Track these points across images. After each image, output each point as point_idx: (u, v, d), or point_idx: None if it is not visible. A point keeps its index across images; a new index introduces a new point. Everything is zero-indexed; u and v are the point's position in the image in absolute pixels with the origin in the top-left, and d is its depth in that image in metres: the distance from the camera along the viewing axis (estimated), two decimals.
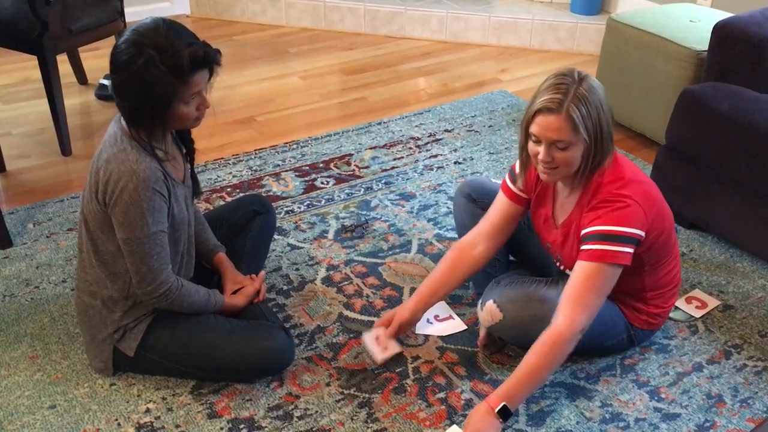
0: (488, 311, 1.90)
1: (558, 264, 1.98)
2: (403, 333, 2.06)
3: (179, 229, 1.83)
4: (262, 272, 2.09)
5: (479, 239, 2.02)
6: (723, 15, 2.97)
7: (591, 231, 1.76)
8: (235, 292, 2.01)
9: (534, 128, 1.72)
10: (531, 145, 1.78)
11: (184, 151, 1.91)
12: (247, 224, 2.20)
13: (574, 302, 1.74)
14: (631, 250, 1.75)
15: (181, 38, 1.63)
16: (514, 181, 1.97)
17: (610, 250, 1.73)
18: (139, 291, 1.78)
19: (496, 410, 1.71)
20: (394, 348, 1.99)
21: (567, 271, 1.89)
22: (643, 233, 1.77)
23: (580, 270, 1.76)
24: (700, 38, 2.85)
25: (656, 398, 1.93)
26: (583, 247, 1.77)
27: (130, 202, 1.67)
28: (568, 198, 1.88)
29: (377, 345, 1.99)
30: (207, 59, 1.65)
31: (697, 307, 2.24)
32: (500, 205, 2.02)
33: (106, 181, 1.69)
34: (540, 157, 1.74)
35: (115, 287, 1.82)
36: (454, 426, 1.82)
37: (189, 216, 1.88)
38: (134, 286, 1.78)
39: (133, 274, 1.76)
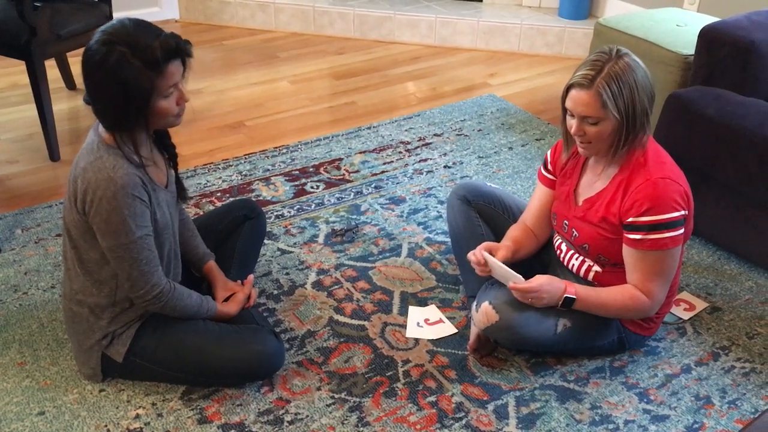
0: (484, 313, 1.91)
1: (570, 239, 1.99)
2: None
3: (162, 234, 1.82)
4: (251, 276, 2.08)
5: (528, 230, 2.11)
6: (709, 19, 2.99)
7: (645, 221, 1.80)
8: (226, 300, 2.01)
9: (567, 102, 1.81)
10: (567, 118, 1.85)
11: (167, 156, 1.90)
12: (237, 229, 2.19)
13: (652, 282, 1.86)
14: (681, 231, 1.84)
15: (149, 32, 1.63)
16: (547, 168, 2.07)
17: (669, 237, 1.81)
18: (132, 295, 1.78)
19: (566, 294, 1.87)
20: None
21: (578, 246, 1.96)
22: (686, 211, 1.84)
23: (646, 257, 1.84)
24: (686, 42, 2.87)
25: (645, 400, 1.94)
26: (638, 236, 1.81)
27: (111, 209, 1.66)
28: (601, 174, 1.92)
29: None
30: (179, 49, 1.64)
31: (685, 309, 2.25)
32: (538, 194, 2.10)
33: (84, 190, 1.68)
34: (572, 130, 1.83)
35: (101, 294, 1.81)
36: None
37: (172, 220, 1.87)
38: (127, 290, 1.78)
39: (125, 280, 1.75)
